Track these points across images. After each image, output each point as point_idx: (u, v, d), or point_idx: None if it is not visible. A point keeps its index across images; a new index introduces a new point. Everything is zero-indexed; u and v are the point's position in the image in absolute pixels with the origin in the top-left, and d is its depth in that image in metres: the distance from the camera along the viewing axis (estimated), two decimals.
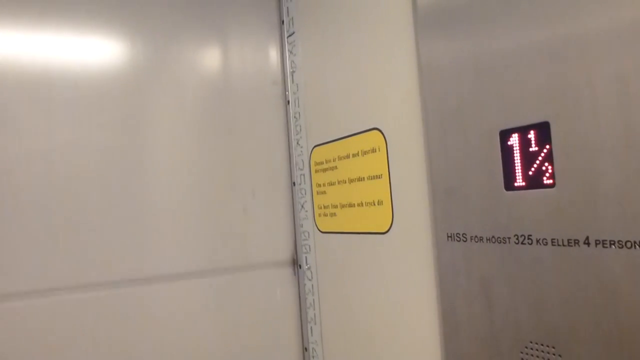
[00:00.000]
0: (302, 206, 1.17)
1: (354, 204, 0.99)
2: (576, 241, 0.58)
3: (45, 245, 0.98)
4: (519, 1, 0.63)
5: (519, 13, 0.63)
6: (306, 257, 1.16)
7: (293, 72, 1.19)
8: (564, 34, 0.58)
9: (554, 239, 0.60)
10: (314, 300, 1.14)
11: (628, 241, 0.53)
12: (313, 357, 1.16)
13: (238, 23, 1.20)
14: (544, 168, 0.61)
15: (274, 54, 1.23)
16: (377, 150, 0.91)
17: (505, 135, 0.65)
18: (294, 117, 1.19)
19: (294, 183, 1.20)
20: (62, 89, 1.01)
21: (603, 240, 0.55)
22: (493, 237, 0.67)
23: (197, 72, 1.15)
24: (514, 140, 0.64)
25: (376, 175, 0.92)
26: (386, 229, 0.90)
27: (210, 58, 1.17)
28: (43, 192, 0.98)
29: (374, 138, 0.92)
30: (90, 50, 1.04)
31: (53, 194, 0.99)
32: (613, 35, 0.53)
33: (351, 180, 0.99)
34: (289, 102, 1.21)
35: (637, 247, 0.52)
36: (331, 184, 1.06)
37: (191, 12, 1.15)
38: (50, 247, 0.98)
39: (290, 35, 1.20)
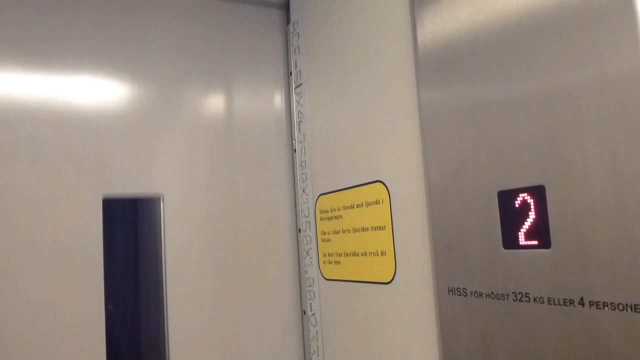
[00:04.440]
0: (307, 253, 1.20)
1: (358, 253, 1.01)
2: (571, 301, 0.60)
3: None
4: (520, 59, 0.67)
5: (517, 71, 0.67)
6: (311, 304, 1.18)
7: (300, 121, 1.23)
8: (559, 93, 0.61)
9: (550, 298, 0.62)
10: (318, 346, 1.15)
11: (620, 303, 0.55)
12: None
13: (247, 74, 1.25)
14: (540, 229, 0.63)
15: (281, 104, 1.28)
16: (381, 202, 0.94)
17: (503, 195, 0.68)
18: (300, 165, 1.23)
19: (300, 230, 1.23)
20: (63, 132, 1.05)
21: (597, 302, 0.57)
22: (492, 293, 0.70)
23: (204, 120, 1.19)
24: (512, 201, 0.67)
25: (379, 227, 0.94)
26: (389, 280, 0.92)
27: (218, 107, 1.21)
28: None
29: (378, 190, 0.95)
30: (95, 95, 1.08)
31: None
32: (602, 102, 0.57)
33: (355, 230, 1.02)
34: (295, 150, 1.25)
35: (629, 309, 0.54)
36: (336, 232, 1.08)
37: (199, 60, 1.20)
38: None
39: (297, 87, 1.24)
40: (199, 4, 1.22)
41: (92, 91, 1.08)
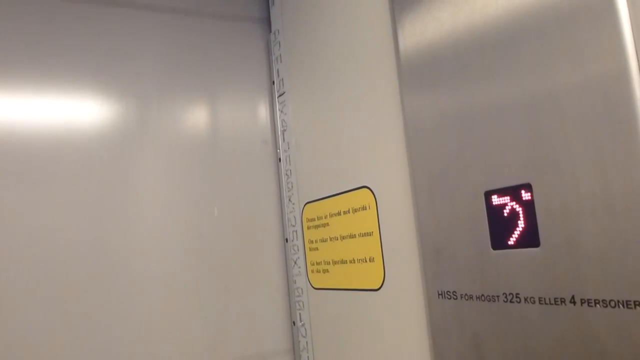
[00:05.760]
0: (295, 262, 1.18)
1: (346, 261, 1.00)
2: (562, 300, 0.59)
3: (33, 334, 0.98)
4: (502, 59, 0.66)
5: (500, 71, 0.66)
6: (300, 314, 1.16)
7: (284, 130, 1.22)
8: (543, 94, 0.61)
9: (541, 298, 0.61)
10: (308, 357, 1.13)
11: (612, 300, 0.55)
12: None
13: (230, 84, 1.24)
14: (528, 228, 0.63)
15: (265, 113, 1.27)
16: (368, 208, 0.93)
17: (490, 195, 0.67)
18: (286, 174, 1.22)
19: (287, 239, 1.22)
20: (42, 152, 1.03)
21: (588, 299, 0.57)
22: (482, 295, 0.69)
23: (187, 131, 1.18)
24: (499, 200, 0.66)
25: (367, 233, 0.94)
26: (378, 286, 0.91)
27: (202, 118, 1.20)
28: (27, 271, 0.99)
29: (364, 196, 0.94)
30: (75, 111, 1.07)
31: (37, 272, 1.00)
32: (586, 101, 0.56)
33: (343, 237, 1.01)
34: (280, 159, 1.24)
35: (620, 306, 0.54)
36: (323, 240, 1.07)
37: (182, 71, 1.19)
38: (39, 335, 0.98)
39: (280, 95, 1.24)
40: (181, 16, 1.21)
41: (73, 108, 1.06)
